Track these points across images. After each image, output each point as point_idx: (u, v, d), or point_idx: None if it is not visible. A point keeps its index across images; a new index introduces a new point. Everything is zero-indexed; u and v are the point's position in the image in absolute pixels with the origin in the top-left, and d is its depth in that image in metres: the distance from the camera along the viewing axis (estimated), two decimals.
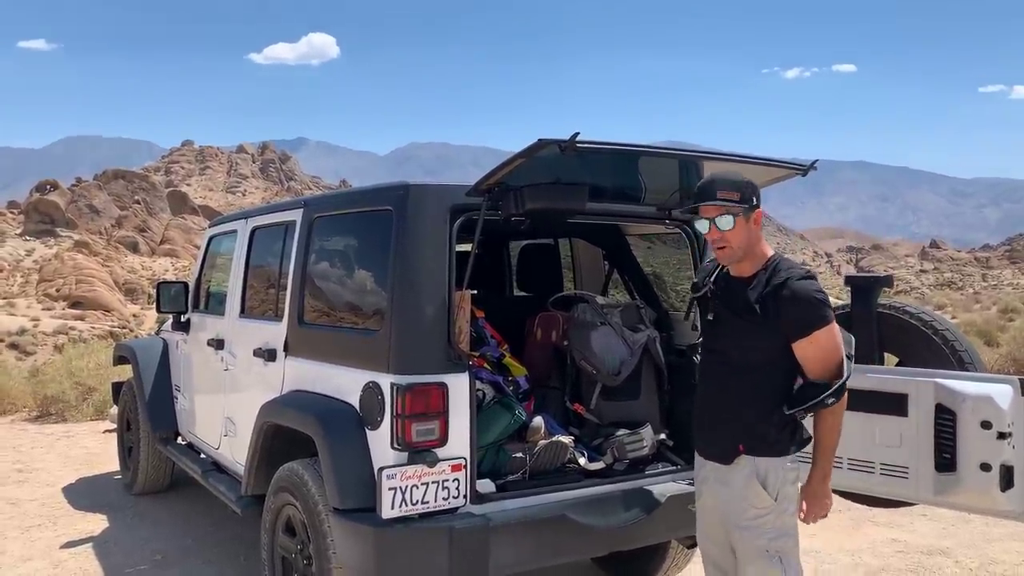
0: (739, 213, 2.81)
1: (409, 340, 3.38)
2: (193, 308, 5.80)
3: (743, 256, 2.88)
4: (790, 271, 2.84)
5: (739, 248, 2.85)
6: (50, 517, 5.97)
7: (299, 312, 4.12)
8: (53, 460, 7.81)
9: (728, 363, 2.95)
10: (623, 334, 4.18)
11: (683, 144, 3.93)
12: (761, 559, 2.88)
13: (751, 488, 2.89)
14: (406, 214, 3.45)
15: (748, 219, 2.83)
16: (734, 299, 2.92)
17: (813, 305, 2.76)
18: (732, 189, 2.82)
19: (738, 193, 2.82)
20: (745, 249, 2.86)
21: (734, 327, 2.93)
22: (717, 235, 2.85)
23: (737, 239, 2.83)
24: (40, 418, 10.13)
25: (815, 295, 2.77)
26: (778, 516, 2.89)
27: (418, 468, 3.29)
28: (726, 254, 2.88)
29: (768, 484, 2.88)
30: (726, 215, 2.80)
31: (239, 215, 5.28)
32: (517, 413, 3.76)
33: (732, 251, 2.86)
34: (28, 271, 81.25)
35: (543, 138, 2.96)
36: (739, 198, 2.81)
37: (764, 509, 2.88)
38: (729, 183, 2.84)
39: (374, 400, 3.42)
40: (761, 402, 2.88)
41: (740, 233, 2.83)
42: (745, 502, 2.90)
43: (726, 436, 2.96)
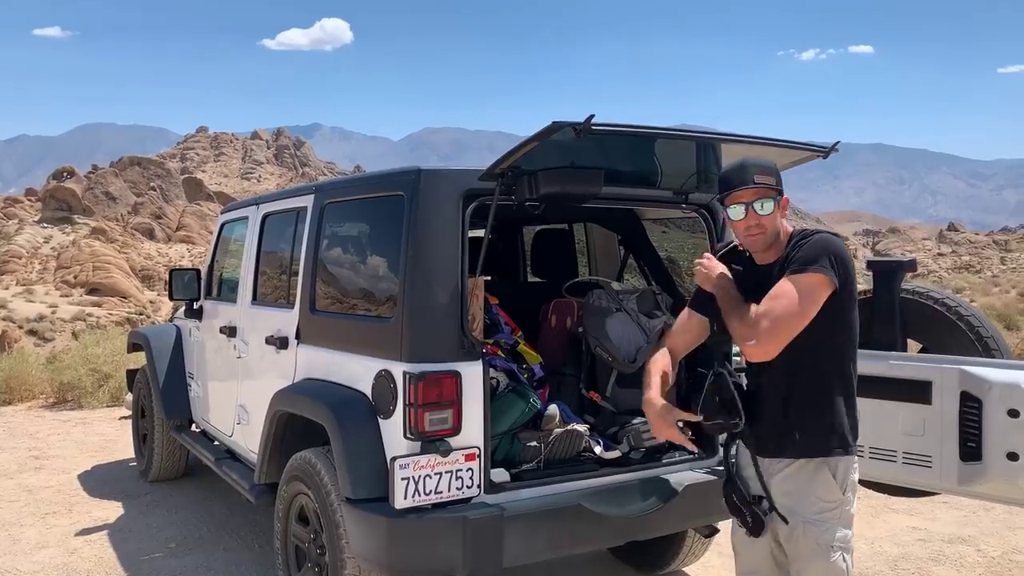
0: (775, 198, 2.71)
1: (421, 328, 3.33)
2: (206, 295, 5.77)
3: (772, 242, 2.76)
4: (816, 232, 2.74)
5: (772, 233, 2.73)
6: (66, 504, 5.98)
7: (311, 299, 4.07)
8: (69, 447, 7.84)
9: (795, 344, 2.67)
10: (639, 320, 4.10)
11: (698, 127, 3.83)
12: (824, 556, 2.69)
13: (819, 480, 2.69)
14: (418, 199, 3.38)
15: (778, 205, 2.73)
16: (765, 284, 2.69)
17: (819, 249, 2.61)
18: (768, 173, 2.71)
19: (773, 177, 2.72)
20: (775, 236, 2.75)
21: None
22: (755, 220, 2.70)
23: (772, 224, 2.72)
24: (57, 405, 10.17)
25: (830, 243, 2.64)
26: (844, 509, 2.72)
27: (431, 458, 3.25)
28: (759, 240, 2.74)
29: (838, 475, 2.70)
30: (766, 200, 2.68)
31: (251, 201, 5.23)
32: (532, 401, 3.70)
33: (766, 237, 2.73)
34: (46, 258, 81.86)
35: (557, 120, 2.88)
36: (774, 182, 2.71)
37: (832, 503, 2.70)
38: (764, 167, 2.73)
39: (386, 389, 3.37)
40: (819, 391, 2.71)
41: (775, 218, 2.72)
42: (813, 495, 2.70)
43: (786, 430, 2.73)
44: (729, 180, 2.75)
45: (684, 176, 3.92)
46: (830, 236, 2.68)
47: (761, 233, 2.71)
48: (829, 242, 2.64)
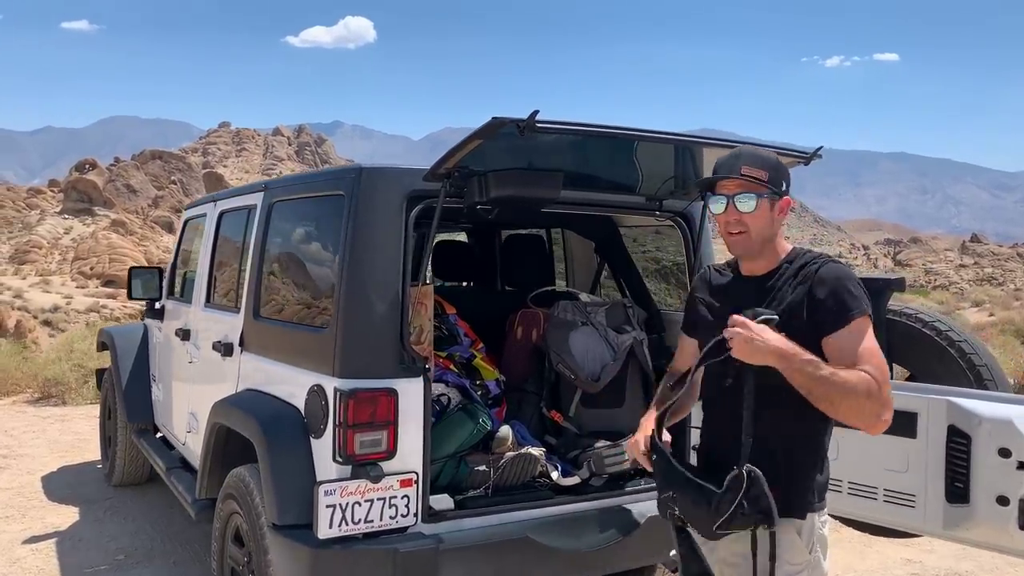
0: (764, 195, 2.28)
1: (356, 340, 3.05)
2: (168, 295, 5.53)
3: (759, 249, 2.33)
4: (820, 256, 2.32)
5: (758, 237, 2.30)
6: (21, 508, 5.74)
7: (255, 305, 3.81)
8: (41, 446, 7.62)
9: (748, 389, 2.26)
10: (607, 335, 3.82)
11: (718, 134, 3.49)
12: None
13: (783, 543, 2.26)
14: (358, 199, 3.11)
15: (773, 206, 2.30)
16: (749, 302, 2.28)
17: (849, 289, 2.19)
18: (760, 167, 2.29)
19: (766, 172, 2.28)
20: (764, 240, 2.31)
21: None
22: (735, 216, 2.29)
23: (758, 225, 2.28)
24: (40, 400, 9.98)
25: (850, 274, 2.24)
26: (812, 571, 2.32)
27: (361, 483, 2.97)
28: (741, 241, 2.30)
29: (803, 532, 2.29)
30: (747, 194, 2.27)
31: (209, 198, 4.98)
32: (481, 421, 3.42)
33: (749, 239, 2.29)
34: (66, 249, 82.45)
35: (498, 116, 2.59)
36: (766, 178, 2.28)
37: (798, 565, 2.29)
38: (757, 159, 2.31)
39: (318, 405, 3.10)
40: (813, 445, 2.31)
41: (762, 219, 2.28)
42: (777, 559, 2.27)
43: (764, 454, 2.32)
44: (716, 168, 2.37)
45: (658, 181, 3.63)
46: (840, 265, 2.27)
47: (742, 233, 2.29)
48: (849, 274, 2.23)
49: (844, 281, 2.20)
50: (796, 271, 2.28)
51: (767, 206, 2.28)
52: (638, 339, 3.84)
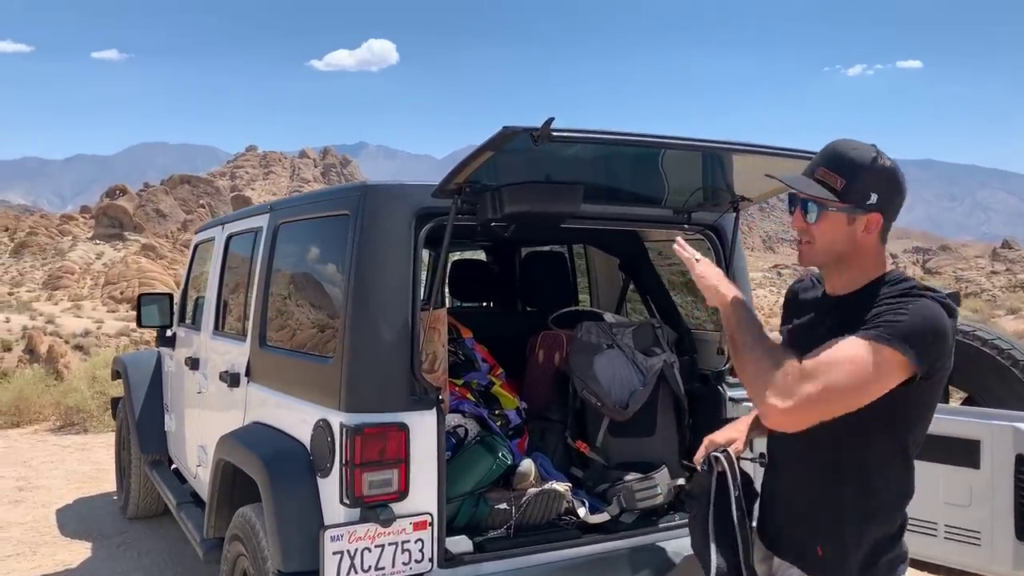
0: (828, 207, 1.92)
1: (362, 371, 2.82)
2: (180, 322, 5.35)
3: (833, 265, 1.99)
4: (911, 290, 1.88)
5: (823, 252, 1.97)
6: (32, 545, 5.57)
7: (261, 333, 3.60)
8: (59, 477, 7.47)
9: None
10: (634, 358, 3.56)
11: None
12: None
13: None
14: (363, 219, 2.90)
15: (853, 220, 1.92)
16: (831, 325, 1.94)
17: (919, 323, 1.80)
18: (839, 172, 1.90)
19: (841, 179, 1.90)
20: (837, 257, 1.97)
21: None
22: (800, 224, 1.97)
23: (824, 239, 1.94)
24: (63, 428, 9.88)
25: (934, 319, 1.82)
26: None
27: (370, 528, 2.73)
28: (804, 252, 2.00)
29: None
30: (810, 202, 1.94)
31: (218, 221, 4.80)
32: (500, 455, 3.17)
33: (812, 252, 1.98)
34: (97, 274, 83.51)
35: (509, 126, 2.37)
36: (840, 187, 1.90)
37: None
38: (840, 162, 1.91)
39: (324, 442, 2.87)
40: (855, 485, 1.97)
41: (829, 233, 1.94)
42: None
43: (807, 531, 2.04)
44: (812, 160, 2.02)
45: (686, 192, 3.38)
46: (936, 307, 1.84)
47: (807, 243, 1.98)
48: (934, 318, 1.82)
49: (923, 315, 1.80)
50: (876, 299, 1.89)
51: (841, 220, 1.92)
52: (668, 362, 3.58)
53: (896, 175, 1.92)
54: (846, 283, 1.99)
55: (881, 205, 1.90)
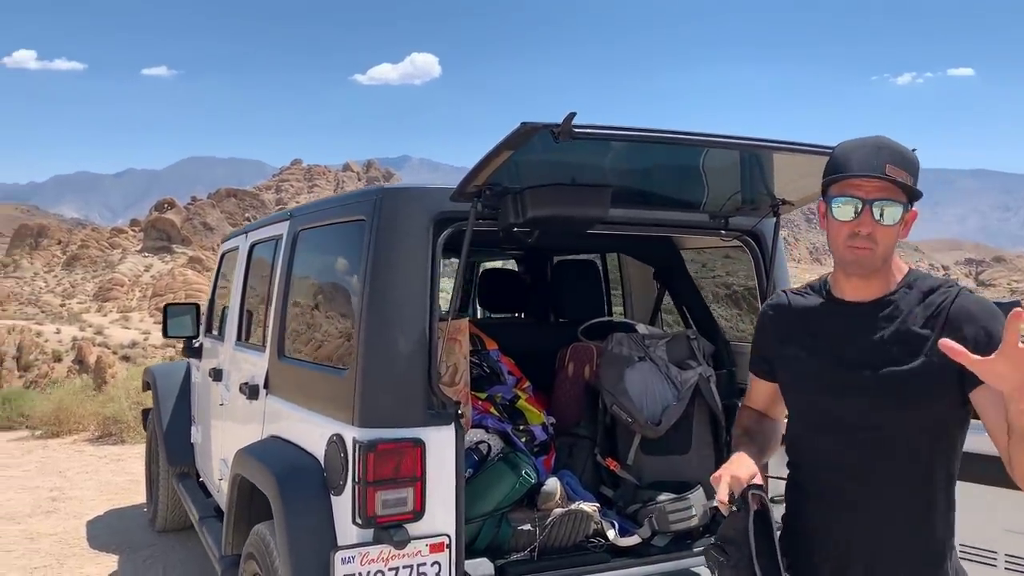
0: (905, 205, 1.77)
1: (377, 383, 2.68)
2: (206, 332, 5.28)
3: (877, 267, 1.80)
4: (946, 283, 1.81)
5: (883, 255, 1.78)
6: (60, 557, 5.52)
7: (279, 343, 3.48)
8: (92, 487, 7.46)
9: (880, 444, 1.78)
10: (668, 372, 3.37)
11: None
12: None
13: None
14: (379, 224, 2.76)
15: (904, 219, 1.79)
16: (865, 336, 1.80)
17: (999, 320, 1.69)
18: (906, 168, 1.75)
19: (911, 176, 1.76)
20: (886, 258, 1.81)
21: (887, 382, 1.75)
22: (868, 228, 1.74)
23: (889, 241, 1.77)
24: (101, 439, 9.92)
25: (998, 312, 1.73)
26: None
27: (383, 549, 2.58)
28: (866, 259, 1.77)
29: None
30: (892, 202, 1.74)
31: (242, 229, 4.72)
32: (524, 473, 3.00)
33: (874, 256, 1.77)
34: (146, 286, 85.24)
35: (528, 121, 2.21)
36: (912, 183, 1.76)
37: None
38: (904, 159, 1.76)
39: (337, 458, 2.73)
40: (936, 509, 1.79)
41: (895, 234, 1.77)
42: None
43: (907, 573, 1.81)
44: (848, 160, 1.77)
45: (723, 196, 3.19)
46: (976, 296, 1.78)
47: (869, 249, 1.75)
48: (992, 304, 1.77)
49: (996, 314, 1.72)
50: (921, 298, 1.78)
51: (903, 219, 1.79)
52: (704, 375, 3.38)
53: None
54: (880, 287, 1.82)
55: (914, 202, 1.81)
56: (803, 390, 1.91)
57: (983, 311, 1.74)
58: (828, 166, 1.82)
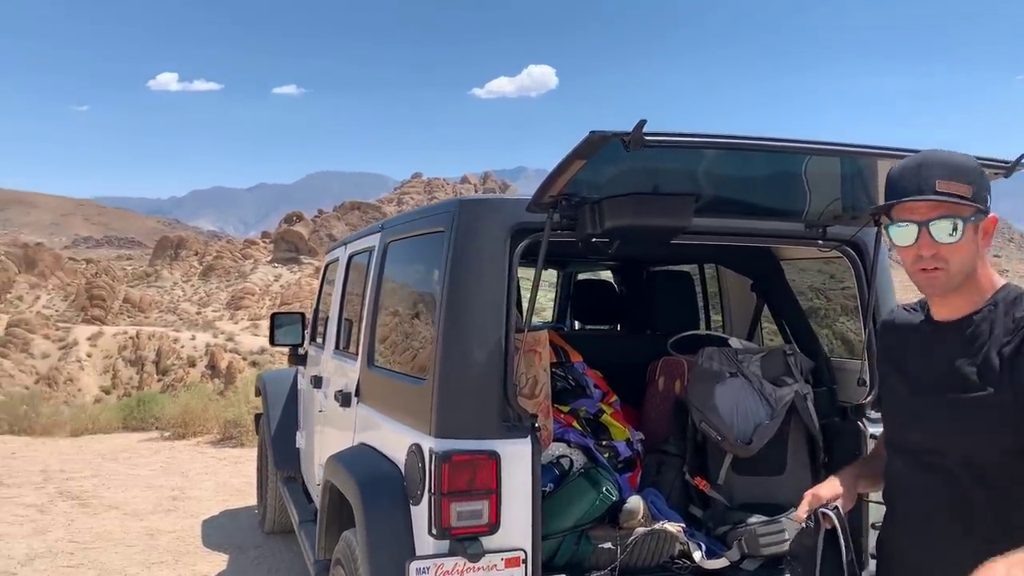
0: (969, 217, 1.69)
1: (453, 394, 2.68)
2: (311, 340, 5.44)
3: (960, 285, 1.74)
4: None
5: (959, 273, 1.72)
6: (176, 554, 5.79)
7: (369, 352, 3.54)
8: (209, 488, 7.81)
9: (945, 470, 1.72)
10: (762, 388, 3.23)
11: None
12: None
13: None
14: (456, 235, 2.77)
15: (978, 228, 1.72)
16: (942, 359, 1.76)
17: None
18: (961, 179, 1.69)
19: (970, 187, 1.69)
20: (966, 274, 1.73)
21: (951, 408, 1.72)
22: (930, 250, 1.70)
23: (960, 257, 1.70)
24: (222, 442, 10.38)
25: None
26: None
27: (458, 561, 2.57)
28: (938, 280, 1.72)
29: None
30: (947, 218, 1.68)
31: (343, 241, 4.84)
32: (605, 491, 2.93)
33: (948, 276, 1.72)
34: (275, 295, 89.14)
35: (596, 130, 2.16)
36: (971, 194, 1.69)
37: None
38: (955, 169, 1.70)
39: (416, 468, 2.75)
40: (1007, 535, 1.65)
41: (966, 249, 1.70)
42: None
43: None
44: (897, 184, 1.75)
45: (821, 204, 3.04)
46: None
47: (940, 270, 1.71)
48: None
49: None
50: (1005, 313, 1.69)
51: (972, 231, 1.71)
52: (801, 393, 3.22)
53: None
54: (966, 304, 1.75)
55: (989, 208, 1.73)
56: (887, 412, 1.90)
57: None
58: (886, 189, 1.78)
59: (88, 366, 56.67)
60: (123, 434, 11.49)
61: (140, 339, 58.35)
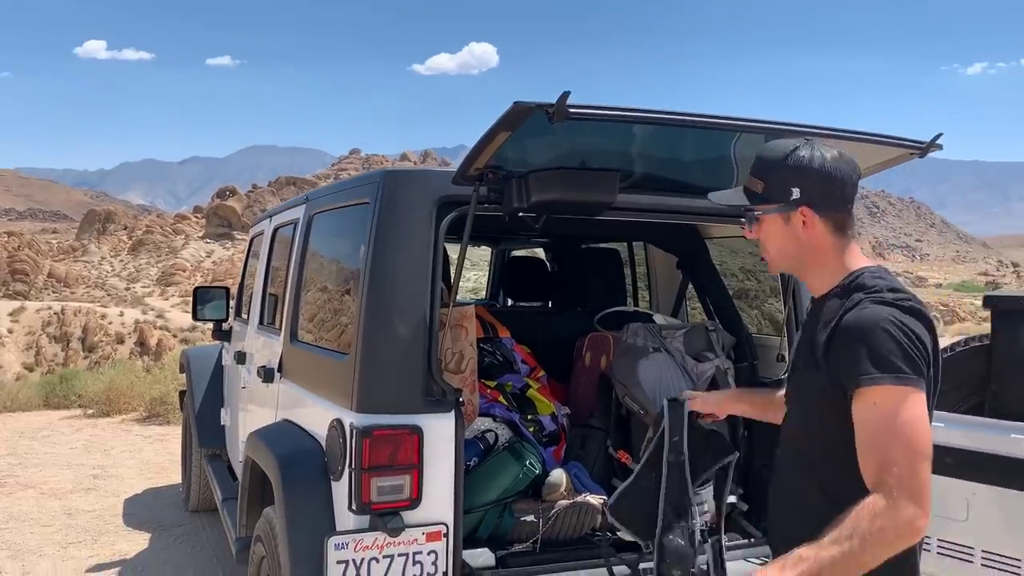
0: (755, 213, 1.88)
1: (376, 368, 2.65)
2: (236, 315, 5.33)
3: (796, 269, 1.93)
4: (874, 292, 1.74)
5: (778, 257, 1.89)
6: (95, 533, 5.64)
7: (292, 327, 3.48)
8: (132, 466, 7.63)
9: (794, 435, 1.94)
10: (684, 364, 3.27)
11: None
12: None
13: None
14: (380, 208, 2.72)
15: (788, 220, 1.83)
16: (804, 333, 1.91)
17: (872, 347, 1.65)
18: (757, 175, 1.88)
19: (763, 182, 1.85)
20: (795, 260, 1.88)
21: (795, 381, 1.94)
22: (750, 236, 1.94)
23: (773, 245, 1.88)
24: (148, 420, 10.14)
25: (887, 325, 1.66)
26: None
27: (378, 536, 2.55)
28: (768, 262, 1.95)
29: None
30: (751, 212, 1.90)
31: (268, 213, 4.74)
32: (528, 464, 2.94)
33: (771, 260, 1.93)
34: (207, 271, 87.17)
35: (520, 101, 2.14)
36: (762, 190, 1.85)
37: None
38: (757, 165, 1.89)
39: (336, 444, 2.71)
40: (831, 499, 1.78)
41: (776, 238, 1.87)
42: None
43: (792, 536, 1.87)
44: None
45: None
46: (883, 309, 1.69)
47: (765, 253, 1.93)
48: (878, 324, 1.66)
49: (868, 336, 1.65)
50: (841, 299, 1.79)
51: (776, 222, 1.85)
52: (722, 368, 3.28)
53: (821, 164, 1.80)
54: (821, 285, 1.88)
55: (807, 198, 1.80)
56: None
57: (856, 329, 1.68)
58: None
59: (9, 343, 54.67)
60: (44, 412, 11.12)
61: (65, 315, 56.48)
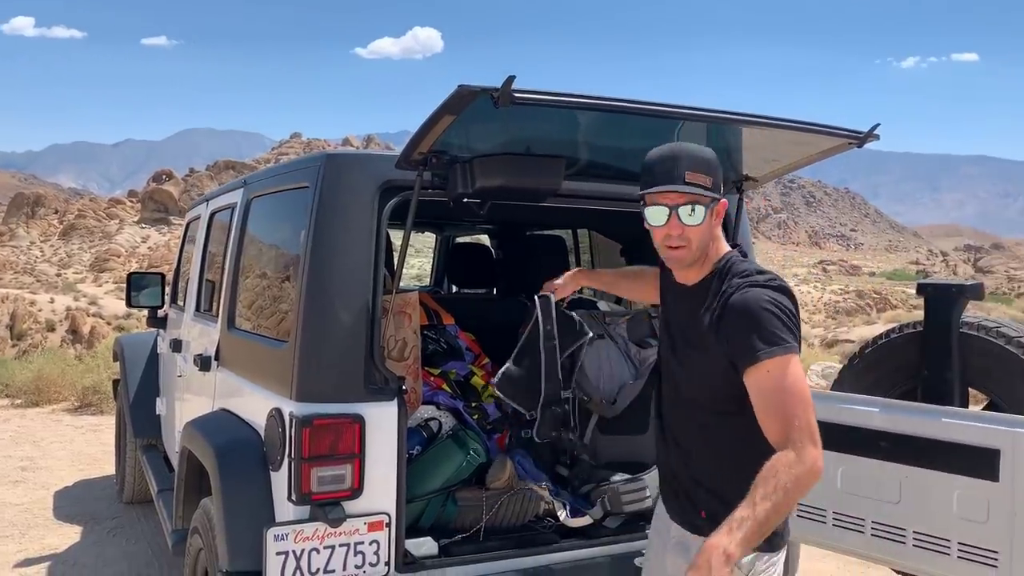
0: (708, 204, 2.03)
1: (316, 356, 2.60)
2: (171, 302, 5.19)
3: (698, 258, 2.10)
4: (747, 276, 2.03)
5: (699, 249, 2.08)
6: (23, 527, 5.46)
7: (230, 314, 3.40)
8: (64, 457, 7.40)
9: (684, 404, 2.19)
10: (627, 350, 3.28)
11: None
12: None
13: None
14: (321, 192, 2.67)
15: (713, 212, 2.07)
16: (682, 319, 2.18)
17: (762, 324, 1.92)
18: (703, 171, 2.02)
19: (710, 177, 2.03)
20: (701, 249, 2.08)
21: (684, 356, 2.16)
22: (678, 230, 2.03)
23: (699, 237, 2.06)
24: (80, 409, 9.85)
25: (766, 305, 1.94)
26: None
27: (318, 527, 2.51)
28: (681, 256, 2.08)
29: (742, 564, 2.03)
30: (695, 205, 2.01)
31: (204, 197, 4.62)
32: (472, 452, 2.93)
33: (690, 252, 2.07)
34: (143, 257, 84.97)
35: (465, 85, 2.11)
36: (711, 184, 2.03)
37: None
38: (701, 162, 2.03)
39: (276, 433, 2.66)
40: (728, 460, 2.10)
41: (705, 230, 2.06)
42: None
43: (692, 500, 2.20)
44: (651, 173, 2.05)
45: None
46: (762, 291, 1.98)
47: (684, 247, 2.06)
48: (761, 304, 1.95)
49: (753, 317, 1.94)
50: (720, 281, 2.07)
51: (710, 215, 2.07)
52: None
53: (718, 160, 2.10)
54: (697, 274, 2.12)
55: (720, 191, 2.07)
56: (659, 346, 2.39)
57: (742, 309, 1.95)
58: (641, 174, 2.08)
59: None
60: None
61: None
